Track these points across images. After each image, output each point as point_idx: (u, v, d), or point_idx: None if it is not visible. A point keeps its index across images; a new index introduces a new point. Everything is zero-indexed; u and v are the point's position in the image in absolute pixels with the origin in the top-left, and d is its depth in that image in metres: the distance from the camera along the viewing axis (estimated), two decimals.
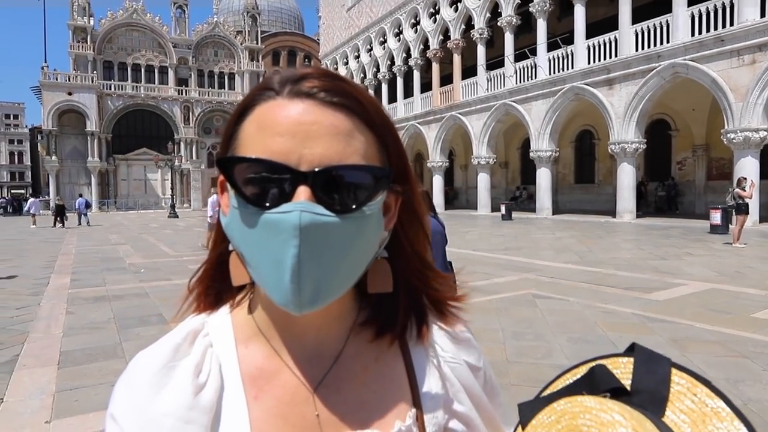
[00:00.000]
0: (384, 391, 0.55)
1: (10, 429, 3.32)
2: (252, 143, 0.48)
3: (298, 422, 0.52)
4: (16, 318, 6.49)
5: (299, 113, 0.47)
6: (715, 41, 15.81)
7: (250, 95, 0.51)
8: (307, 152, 0.46)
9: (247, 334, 0.56)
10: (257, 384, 0.53)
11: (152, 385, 0.51)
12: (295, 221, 0.44)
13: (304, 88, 0.49)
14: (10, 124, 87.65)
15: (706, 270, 8.63)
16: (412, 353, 0.58)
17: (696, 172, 22.14)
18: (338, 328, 0.56)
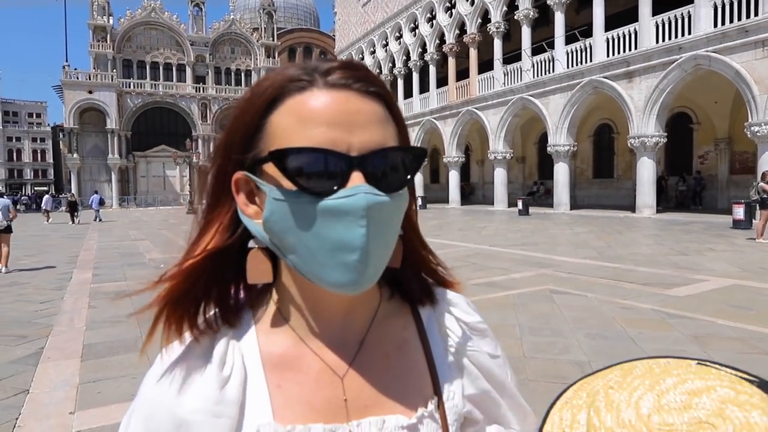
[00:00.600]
0: (406, 379, 0.57)
1: (36, 419, 3.41)
2: (293, 135, 0.48)
3: (324, 407, 0.53)
4: (41, 312, 6.65)
5: (343, 102, 0.49)
6: (739, 32, 15.43)
7: (277, 86, 0.50)
8: (354, 139, 0.48)
9: (269, 323, 0.57)
10: (279, 372, 0.54)
11: (178, 380, 0.51)
12: (361, 203, 0.46)
13: (338, 78, 0.50)
14: (33, 123, 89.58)
15: (728, 266, 8.46)
16: (431, 343, 0.60)
17: (718, 166, 21.69)
18: (363, 314, 0.58)
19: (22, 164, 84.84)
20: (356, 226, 0.46)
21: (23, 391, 3.89)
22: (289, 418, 0.52)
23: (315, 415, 0.52)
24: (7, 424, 3.35)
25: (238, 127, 0.52)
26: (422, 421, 0.54)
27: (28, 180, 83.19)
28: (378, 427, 0.53)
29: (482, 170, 33.87)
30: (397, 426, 0.54)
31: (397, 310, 0.61)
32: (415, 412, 0.55)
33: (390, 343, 0.58)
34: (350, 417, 0.53)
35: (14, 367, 4.48)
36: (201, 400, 0.50)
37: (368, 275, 0.48)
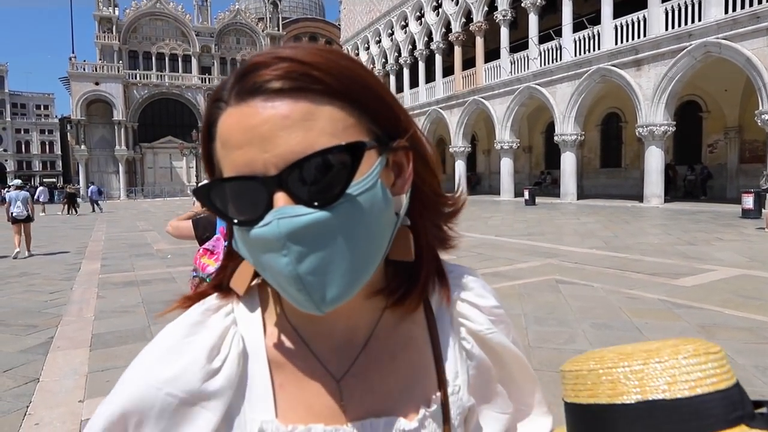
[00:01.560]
0: (411, 379, 0.55)
1: (46, 407, 3.46)
2: (222, 163, 0.46)
3: (323, 411, 0.52)
4: (50, 302, 6.73)
5: (246, 117, 0.44)
6: (750, 18, 15.18)
7: (207, 112, 0.48)
8: (268, 155, 0.43)
9: (274, 319, 0.55)
10: (283, 372, 0.53)
11: (160, 363, 0.50)
12: (275, 232, 0.42)
13: (249, 84, 0.45)
14: (41, 115, 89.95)
15: (737, 255, 8.40)
16: (440, 335, 0.57)
17: (728, 155, 21.46)
18: (369, 314, 0.55)
19: (30, 156, 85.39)
20: (279, 255, 0.42)
21: (34, 380, 3.94)
22: (291, 418, 0.51)
23: (315, 418, 0.51)
24: (18, 412, 3.41)
25: (202, 155, 0.51)
26: (424, 424, 0.53)
27: (36, 172, 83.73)
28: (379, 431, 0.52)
29: (488, 160, 33.72)
30: (398, 430, 0.52)
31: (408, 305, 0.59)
32: (417, 415, 0.53)
33: (397, 342, 0.56)
34: (351, 419, 0.52)
35: (25, 356, 4.55)
36: (178, 386, 0.48)
37: (320, 300, 0.44)
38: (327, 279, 0.43)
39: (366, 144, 0.44)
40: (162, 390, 0.48)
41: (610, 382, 0.46)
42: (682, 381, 0.45)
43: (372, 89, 0.48)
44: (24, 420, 3.28)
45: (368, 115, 0.47)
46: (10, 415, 3.38)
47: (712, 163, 22.05)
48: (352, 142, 0.44)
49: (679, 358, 0.46)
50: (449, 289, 0.59)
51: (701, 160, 22.28)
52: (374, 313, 0.55)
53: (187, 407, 0.48)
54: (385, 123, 0.48)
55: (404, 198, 0.51)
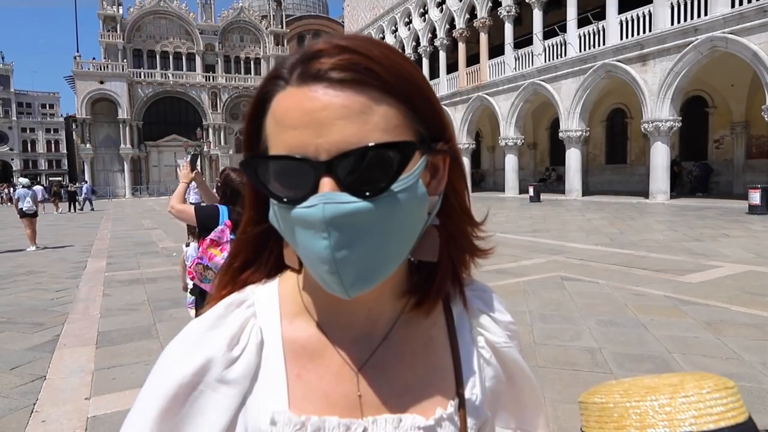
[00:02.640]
0: (429, 378, 0.55)
1: (53, 405, 3.48)
2: (273, 140, 0.48)
3: (340, 401, 0.52)
4: (57, 300, 6.77)
5: (308, 101, 0.45)
6: (757, 12, 15.04)
7: (263, 87, 0.50)
8: (322, 141, 0.44)
9: (293, 310, 0.56)
10: (300, 362, 0.53)
11: (186, 355, 0.52)
12: (319, 215, 0.43)
13: (313, 69, 0.46)
14: (46, 114, 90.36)
15: (744, 251, 8.35)
16: (460, 342, 0.58)
17: (734, 150, 21.30)
18: (390, 309, 0.56)
19: (36, 155, 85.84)
20: (319, 238, 0.44)
21: (40, 378, 3.97)
22: (305, 408, 0.51)
23: (331, 408, 0.52)
24: (25, 409, 3.43)
25: (245, 130, 0.52)
26: (441, 424, 0.53)
27: (42, 170, 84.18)
28: (394, 426, 0.52)
29: (493, 157, 33.63)
30: (414, 426, 0.52)
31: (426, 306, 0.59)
32: (434, 414, 0.53)
33: (417, 339, 0.57)
34: (366, 413, 0.52)
35: (31, 354, 4.57)
36: (202, 375, 0.51)
37: (356, 283, 0.46)
38: (359, 266, 0.45)
39: (417, 145, 0.47)
40: (187, 378, 0.51)
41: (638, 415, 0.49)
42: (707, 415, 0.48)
43: (423, 91, 0.50)
44: (31, 417, 3.30)
45: (417, 115, 0.48)
46: (18, 412, 3.40)
47: (718, 159, 21.90)
48: (405, 141, 0.46)
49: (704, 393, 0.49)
50: (465, 296, 0.60)
51: (707, 156, 22.14)
52: (395, 309, 0.56)
53: (208, 394, 0.51)
54: (430, 125, 0.50)
55: (437, 199, 0.52)
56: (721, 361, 3.80)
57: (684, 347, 4.08)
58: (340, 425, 0.50)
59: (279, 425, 0.50)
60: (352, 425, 0.51)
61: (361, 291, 0.46)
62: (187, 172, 3.39)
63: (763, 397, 3.20)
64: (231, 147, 47.69)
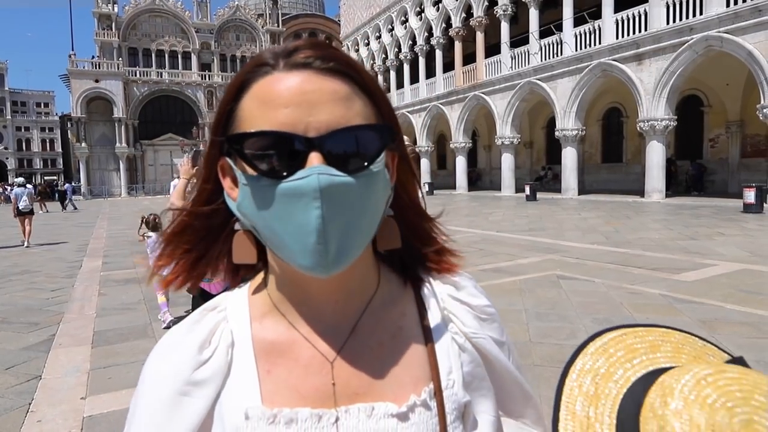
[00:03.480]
0: (400, 367, 0.56)
1: (48, 404, 3.47)
2: (255, 119, 0.49)
3: (310, 393, 0.53)
4: (52, 299, 6.75)
5: (300, 83, 0.49)
6: (752, 12, 15.11)
7: (244, 72, 0.52)
8: (312, 119, 0.48)
9: (262, 310, 0.58)
10: (270, 358, 0.55)
11: (161, 357, 0.56)
12: (314, 184, 0.46)
13: (299, 59, 0.50)
14: (41, 113, 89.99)
15: (738, 250, 8.39)
16: (433, 331, 0.58)
17: (729, 149, 21.40)
18: (357, 300, 0.57)
19: (31, 154, 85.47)
20: (311, 207, 0.46)
21: (36, 377, 3.96)
22: (278, 402, 0.53)
23: (302, 400, 0.53)
24: (20, 409, 3.42)
25: (218, 113, 0.54)
26: (413, 410, 0.53)
27: (37, 169, 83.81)
28: (367, 414, 0.53)
29: (489, 156, 33.67)
30: (387, 413, 0.53)
31: (398, 296, 0.60)
32: (407, 401, 0.54)
33: (384, 331, 0.58)
34: (338, 403, 0.53)
35: (26, 353, 4.56)
36: (172, 377, 0.53)
37: (334, 258, 0.48)
38: (340, 239, 0.48)
39: (392, 131, 0.53)
40: (160, 382, 0.54)
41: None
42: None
43: (383, 94, 0.55)
44: (26, 417, 3.29)
45: (382, 115, 0.54)
46: (13, 412, 3.39)
47: (713, 158, 22.00)
48: (385, 125, 0.52)
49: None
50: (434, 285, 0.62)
51: (703, 155, 22.23)
52: (361, 301, 0.58)
53: (179, 396, 0.53)
54: (388, 123, 0.54)
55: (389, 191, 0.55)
56: None
57: None
58: (312, 416, 0.52)
59: (252, 419, 0.51)
60: (324, 415, 0.52)
61: (339, 267, 0.49)
62: (188, 168, 3.41)
63: None
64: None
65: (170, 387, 0.53)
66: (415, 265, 0.62)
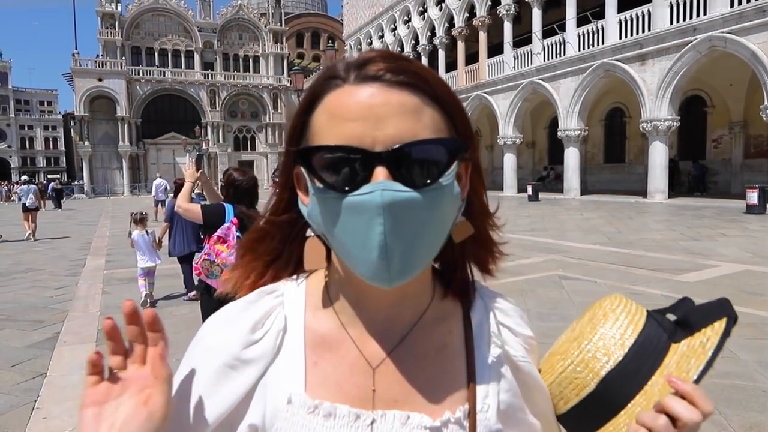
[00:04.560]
0: (440, 382, 0.57)
1: (54, 402, 3.50)
2: (325, 132, 0.50)
3: (352, 392, 0.55)
4: (56, 297, 6.78)
5: (368, 97, 0.49)
6: (756, 12, 15.08)
7: (317, 85, 0.53)
8: (379, 134, 0.48)
9: (318, 304, 0.59)
10: (319, 351, 0.57)
11: (215, 330, 0.58)
12: (377, 201, 0.46)
13: (370, 71, 0.50)
14: (44, 111, 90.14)
15: (741, 251, 8.39)
16: (476, 352, 0.59)
17: (732, 150, 21.35)
18: (409, 312, 0.58)
19: (34, 152, 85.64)
20: (375, 223, 0.47)
21: (41, 375, 3.99)
22: (320, 394, 0.54)
23: (343, 397, 0.54)
24: (26, 406, 3.45)
25: (292, 124, 0.55)
26: (447, 426, 0.54)
27: (40, 168, 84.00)
28: (401, 422, 0.54)
29: (492, 155, 33.62)
30: (421, 425, 0.54)
31: (448, 313, 0.61)
32: (441, 416, 0.54)
33: (431, 345, 0.58)
34: (376, 407, 0.54)
35: (32, 351, 4.59)
36: (222, 350, 0.56)
37: (399, 271, 0.48)
38: (404, 254, 0.48)
39: (463, 144, 0.52)
40: (211, 353, 0.56)
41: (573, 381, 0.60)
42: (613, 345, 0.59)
43: (459, 104, 0.55)
44: (32, 414, 3.32)
45: (454, 124, 0.53)
46: (19, 408, 3.42)
47: (716, 158, 21.95)
48: (455, 138, 0.53)
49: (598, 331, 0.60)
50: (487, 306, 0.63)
51: (705, 156, 22.18)
52: (414, 312, 0.59)
53: (227, 369, 0.55)
54: (462, 133, 0.54)
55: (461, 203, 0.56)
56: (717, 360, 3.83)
57: None
58: (350, 413, 0.53)
59: (294, 405, 0.53)
60: (361, 415, 0.53)
61: (402, 280, 0.50)
62: (193, 171, 3.46)
63: (759, 396, 3.23)
64: (229, 145, 47.62)
65: (220, 359, 0.55)
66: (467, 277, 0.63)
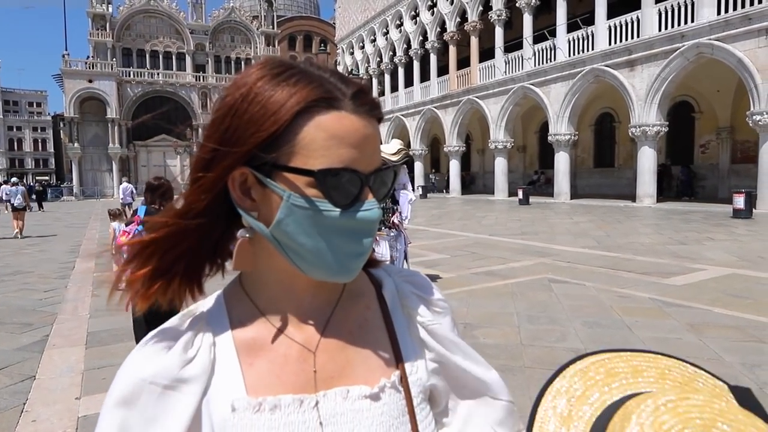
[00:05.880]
0: (369, 354, 0.62)
1: (43, 404, 3.48)
2: (323, 151, 0.53)
3: (291, 380, 0.58)
4: (45, 300, 6.73)
5: (364, 127, 0.56)
6: (742, 19, 15.32)
7: (305, 99, 0.53)
8: (369, 160, 0.56)
9: (240, 310, 0.62)
10: (252, 352, 0.59)
11: (145, 360, 0.57)
12: (375, 216, 0.56)
13: (366, 105, 0.57)
14: (33, 112, 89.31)
15: (727, 255, 8.51)
16: (395, 322, 0.65)
17: (720, 155, 21.62)
18: (328, 296, 0.63)
19: (23, 154, 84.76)
20: (368, 234, 0.56)
21: (30, 377, 3.97)
22: (261, 391, 0.57)
23: (284, 387, 0.58)
24: (14, 409, 3.43)
25: (251, 125, 0.53)
26: (384, 390, 0.59)
27: (29, 169, 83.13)
28: (343, 396, 0.58)
29: (483, 159, 33.79)
30: (361, 395, 0.59)
31: (362, 291, 0.66)
32: (378, 383, 0.59)
33: (353, 322, 0.63)
34: (318, 388, 0.59)
35: (20, 354, 4.56)
36: (160, 376, 0.55)
37: (358, 269, 0.58)
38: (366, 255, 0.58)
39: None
40: (147, 380, 0.55)
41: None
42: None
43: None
44: (21, 417, 3.30)
45: None
46: (7, 411, 3.40)
47: (704, 163, 22.21)
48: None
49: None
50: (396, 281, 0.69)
51: (693, 160, 22.45)
52: (334, 294, 0.64)
53: (169, 392, 0.55)
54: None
55: None
56: (703, 361, 3.89)
57: (667, 348, 4.16)
58: (294, 401, 0.57)
59: (239, 410, 0.55)
60: (305, 399, 0.57)
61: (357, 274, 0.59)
62: None
63: None
64: None
65: (160, 385, 0.55)
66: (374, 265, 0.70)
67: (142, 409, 0.54)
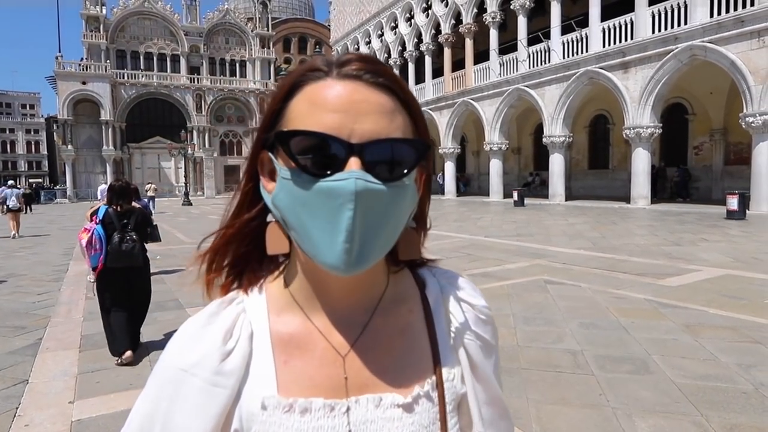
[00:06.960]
0: (407, 360, 0.60)
1: (36, 408, 3.45)
2: (304, 118, 0.53)
3: (324, 383, 0.57)
4: (39, 303, 6.67)
5: (350, 92, 0.53)
6: (735, 22, 15.44)
7: (298, 75, 0.56)
8: (357, 127, 0.51)
9: (280, 304, 0.61)
10: (287, 350, 0.58)
11: (184, 349, 0.57)
12: (351, 187, 0.49)
13: (351, 70, 0.54)
14: (26, 114, 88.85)
15: (721, 256, 8.55)
16: (436, 328, 0.62)
17: (713, 156, 21.76)
18: (368, 298, 0.61)
19: (16, 156, 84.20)
20: (345, 209, 0.49)
21: (23, 381, 3.92)
22: (293, 392, 0.56)
23: (316, 390, 0.56)
24: (7, 413, 3.39)
25: (269, 109, 0.57)
26: (417, 401, 0.58)
27: (22, 172, 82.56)
28: (375, 404, 0.57)
29: (478, 161, 33.88)
30: (393, 404, 0.57)
31: (405, 295, 0.64)
32: (412, 392, 0.58)
33: (394, 327, 0.61)
34: (349, 394, 0.57)
35: (13, 357, 4.51)
36: (201, 368, 0.55)
37: (358, 258, 0.51)
38: (364, 242, 0.51)
39: (429, 148, 0.56)
40: (188, 372, 0.56)
41: None
42: None
43: (422, 114, 0.60)
44: (14, 421, 3.27)
45: (418, 132, 0.58)
46: (0, 416, 3.36)
47: (697, 165, 22.34)
48: (423, 141, 0.56)
49: None
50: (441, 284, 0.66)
51: (687, 162, 22.58)
52: (373, 296, 0.62)
53: (210, 387, 0.55)
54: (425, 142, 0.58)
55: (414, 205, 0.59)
56: (698, 362, 3.91)
57: (663, 349, 4.19)
58: (325, 405, 0.55)
59: (269, 409, 0.55)
60: (336, 405, 0.56)
61: (360, 268, 0.52)
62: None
63: (738, 397, 3.30)
64: (215, 149, 47.24)
65: (200, 377, 0.55)
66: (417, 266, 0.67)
67: (181, 401, 0.55)
